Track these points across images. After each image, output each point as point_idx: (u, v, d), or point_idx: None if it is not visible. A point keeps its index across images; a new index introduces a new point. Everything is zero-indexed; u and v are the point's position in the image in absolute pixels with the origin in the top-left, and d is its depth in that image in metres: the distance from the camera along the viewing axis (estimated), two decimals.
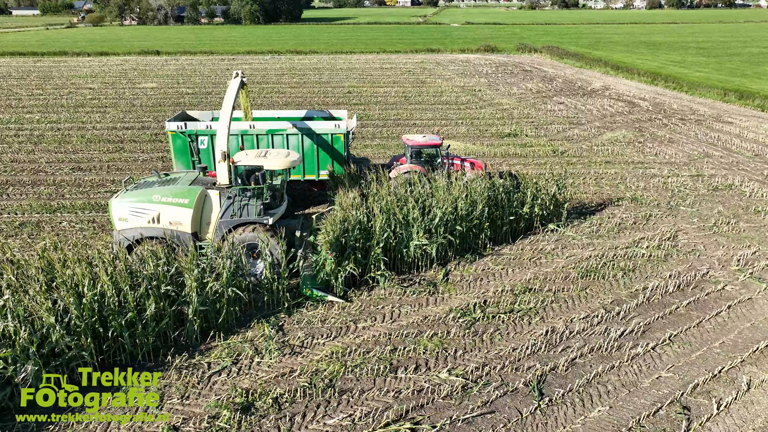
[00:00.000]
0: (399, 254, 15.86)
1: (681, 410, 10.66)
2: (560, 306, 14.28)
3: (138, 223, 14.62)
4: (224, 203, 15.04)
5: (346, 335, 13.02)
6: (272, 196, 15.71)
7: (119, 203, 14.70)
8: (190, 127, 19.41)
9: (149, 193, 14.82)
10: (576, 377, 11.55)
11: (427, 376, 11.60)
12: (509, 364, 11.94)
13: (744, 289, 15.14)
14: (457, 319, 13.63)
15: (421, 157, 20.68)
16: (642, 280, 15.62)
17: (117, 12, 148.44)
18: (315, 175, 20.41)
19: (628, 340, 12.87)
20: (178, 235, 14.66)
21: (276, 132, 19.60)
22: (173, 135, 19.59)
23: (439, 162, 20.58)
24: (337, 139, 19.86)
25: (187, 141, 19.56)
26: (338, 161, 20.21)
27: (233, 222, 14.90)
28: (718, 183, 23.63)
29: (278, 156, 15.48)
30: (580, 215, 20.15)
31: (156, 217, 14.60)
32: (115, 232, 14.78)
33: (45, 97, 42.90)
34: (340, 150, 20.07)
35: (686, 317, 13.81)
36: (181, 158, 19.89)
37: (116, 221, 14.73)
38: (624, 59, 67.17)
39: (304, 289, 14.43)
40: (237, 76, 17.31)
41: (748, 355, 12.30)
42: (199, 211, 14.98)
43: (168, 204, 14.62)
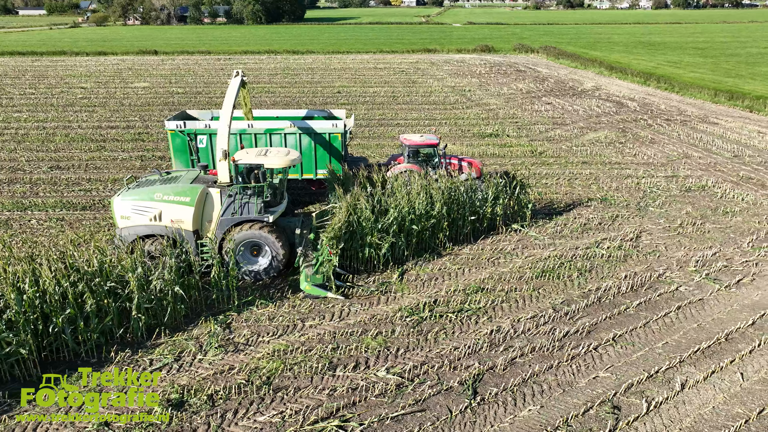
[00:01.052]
0: (356, 254, 15.97)
1: (611, 410, 10.68)
2: (510, 306, 14.32)
3: (140, 221, 14.77)
4: (225, 201, 15.19)
5: (291, 333, 13.12)
6: (272, 194, 15.86)
7: (121, 201, 14.87)
8: (189, 126, 19.57)
9: (151, 191, 14.98)
10: (513, 376, 11.60)
11: (365, 374, 11.68)
12: (448, 363, 12.00)
13: (698, 290, 15.13)
14: (404, 318, 13.70)
15: (419, 156, 20.76)
16: (597, 280, 15.63)
17: (120, 12, 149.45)
18: (313, 174, 20.50)
19: (572, 340, 12.90)
20: (181, 233, 14.83)
21: (274, 131, 19.70)
22: (172, 134, 19.74)
23: (436, 161, 20.64)
24: (335, 139, 19.91)
25: (186, 140, 19.72)
26: (336, 160, 20.27)
27: (234, 220, 15.07)
28: (692, 184, 23.56)
29: (278, 154, 15.60)
30: (547, 215, 20.17)
31: (158, 215, 14.76)
32: (118, 230, 14.97)
33: (36, 96, 43.32)
34: (338, 149, 20.14)
35: (634, 318, 13.82)
36: (180, 157, 20.05)
37: (118, 219, 14.90)
38: (620, 59, 66.93)
39: (304, 286, 14.59)
40: (237, 75, 17.42)
41: (689, 355, 12.30)
42: (201, 209, 15.14)
43: (170, 202, 14.78)
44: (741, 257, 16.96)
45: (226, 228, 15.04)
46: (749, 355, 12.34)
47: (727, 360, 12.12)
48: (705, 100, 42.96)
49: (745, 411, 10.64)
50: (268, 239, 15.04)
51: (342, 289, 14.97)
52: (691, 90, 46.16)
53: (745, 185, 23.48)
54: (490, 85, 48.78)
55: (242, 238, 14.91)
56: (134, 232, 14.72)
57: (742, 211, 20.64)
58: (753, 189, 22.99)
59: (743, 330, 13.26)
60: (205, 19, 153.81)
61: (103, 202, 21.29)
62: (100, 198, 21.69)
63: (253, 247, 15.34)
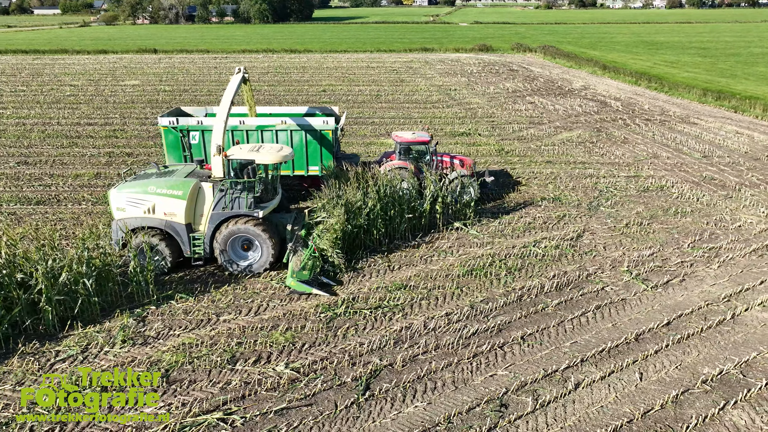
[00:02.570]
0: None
1: (497, 408, 10.65)
2: (429, 303, 14.31)
3: (135, 213, 15.16)
4: (216, 196, 15.38)
5: (203, 327, 13.25)
6: (264, 189, 15.97)
7: (117, 194, 15.24)
8: (182, 123, 19.85)
9: (146, 184, 15.29)
10: (409, 373, 11.60)
11: (264, 368, 11.76)
12: (348, 359, 12.05)
13: (624, 290, 14.99)
14: (318, 314, 13.77)
15: (410, 153, 20.77)
16: (524, 279, 15.55)
17: (130, 11, 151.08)
18: (304, 170, 20.66)
19: (480, 338, 12.86)
20: (173, 226, 15.13)
21: (265, 128, 19.91)
22: (165, 130, 20.05)
23: (428, 159, 20.66)
24: (326, 136, 20.04)
25: (179, 136, 19.99)
26: (327, 157, 20.37)
27: (224, 214, 15.28)
28: (651, 184, 23.30)
29: (271, 150, 15.78)
30: (495, 214, 20.09)
31: (151, 207, 15.11)
32: (114, 222, 15.31)
33: (26, 93, 44.01)
34: (329, 147, 20.22)
35: (551, 317, 13.74)
36: (173, 152, 20.37)
37: (115, 211, 15.30)
38: (617, 59, 66.27)
39: (289, 282, 14.68)
40: (239, 72, 17.60)
41: (593, 354, 12.20)
42: (193, 202, 15.35)
43: (163, 195, 15.08)
44: (678, 258, 16.76)
45: (217, 222, 15.24)
46: (654, 355, 12.22)
47: (630, 360, 12.01)
48: (692, 100, 42.40)
49: (633, 410, 10.55)
50: (257, 234, 15.17)
51: (330, 285, 14.98)
52: (680, 90, 45.58)
53: (706, 186, 23.17)
54: (478, 85, 48.59)
55: (232, 232, 15.10)
56: (129, 224, 15.06)
57: (694, 211, 20.39)
58: (712, 190, 22.68)
59: (656, 330, 13.12)
60: (213, 18, 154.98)
61: (58, 197, 21.63)
62: (57, 193, 22.03)
63: (244, 242, 15.50)
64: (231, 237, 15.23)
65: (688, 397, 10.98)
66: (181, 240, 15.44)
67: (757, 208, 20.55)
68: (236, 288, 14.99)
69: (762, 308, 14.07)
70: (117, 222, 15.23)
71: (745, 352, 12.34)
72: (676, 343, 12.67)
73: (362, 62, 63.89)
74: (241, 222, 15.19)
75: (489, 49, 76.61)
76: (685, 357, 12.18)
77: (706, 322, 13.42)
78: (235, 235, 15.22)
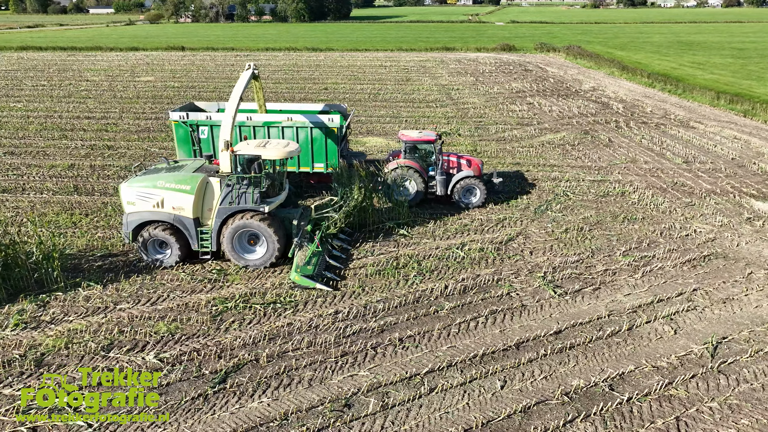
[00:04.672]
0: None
1: (340, 408, 10.58)
2: (324, 301, 14.28)
3: (144, 207, 15.56)
4: (223, 191, 15.66)
5: (97, 314, 13.67)
6: (271, 185, 16.18)
7: (128, 188, 15.68)
8: (191, 118, 20.40)
9: (155, 178, 15.67)
10: (271, 368, 11.65)
11: (133, 357, 12.05)
12: (218, 352, 12.20)
13: (529, 296, 14.55)
14: (212, 306, 13.97)
15: (416, 152, 20.78)
16: (434, 281, 15.31)
17: (173, 10, 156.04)
18: (309, 167, 20.84)
19: (360, 338, 12.77)
20: (182, 220, 15.58)
21: (272, 124, 20.26)
22: (176, 125, 20.63)
23: (434, 158, 20.68)
24: (331, 133, 20.20)
25: (189, 131, 20.54)
26: (332, 154, 20.48)
27: (231, 209, 15.54)
28: (613, 189, 22.45)
29: (277, 146, 15.98)
30: (434, 215, 19.82)
31: (160, 201, 15.47)
32: (124, 215, 15.89)
33: (45, 88, 46.17)
34: (334, 144, 20.36)
35: (441, 320, 13.49)
36: (183, 147, 20.95)
37: (125, 205, 15.80)
38: (642, 59, 63.95)
39: (293, 276, 14.89)
40: (249, 68, 17.98)
41: (462, 359, 11.93)
42: (201, 197, 15.65)
43: (171, 190, 15.43)
44: (603, 266, 16.14)
45: (224, 217, 15.55)
46: (527, 363, 11.85)
47: (498, 367, 11.68)
48: (702, 103, 40.50)
49: (478, 418, 10.28)
50: (263, 229, 15.37)
51: (333, 281, 15.10)
52: (693, 92, 43.57)
53: (672, 192, 22.14)
54: (484, 85, 47.86)
55: (238, 227, 15.39)
56: (139, 217, 15.57)
57: (645, 218, 19.54)
58: (677, 197, 21.66)
59: (542, 339, 12.71)
60: (252, 17, 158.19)
61: (25, 186, 22.68)
62: (25, 182, 23.09)
63: (250, 237, 15.79)
64: (237, 231, 15.45)
65: (542, 408, 10.61)
66: (189, 234, 15.68)
67: (714, 217, 19.52)
68: (146, 278, 15.37)
69: (666, 321, 13.40)
70: (127, 216, 15.68)
71: (625, 365, 11.80)
72: (557, 352, 12.23)
73: (377, 61, 63.96)
74: (247, 217, 15.35)
75: (512, 49, 75.27)
76: (559, 367, 11.76)
77: (598, 333, 12.90)
78: (241, 229, 15.43)
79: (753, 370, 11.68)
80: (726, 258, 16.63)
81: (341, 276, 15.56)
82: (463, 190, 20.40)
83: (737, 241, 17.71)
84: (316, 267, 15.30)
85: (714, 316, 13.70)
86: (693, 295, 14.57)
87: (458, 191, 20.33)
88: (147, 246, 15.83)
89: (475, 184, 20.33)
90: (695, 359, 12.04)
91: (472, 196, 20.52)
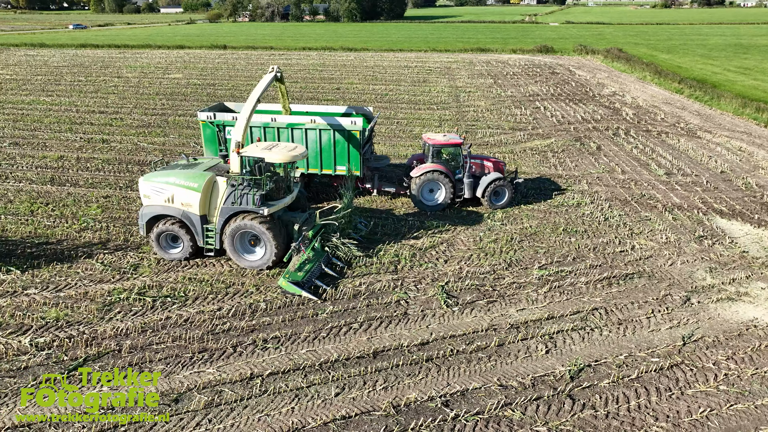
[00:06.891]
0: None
1: (169, 402, 10.86)
2: (215, 298, 14.60)
3: (157, 201, 16.27)
4: (227, 191, 15.99)
5: (2, 298, 14.58)
6: (275, 187, 16.31)
7: (145, 182, 16.39)
8: (218, 118, 20.90)
9: (168, 174, 16.23)
10: (125, 359, 12.09)
11: (11, 339, 12.81)
12: (86, 340, 12.76)
13: (418, 305, 14.31)
14: (105, 296, 14.59)
15: (441, 156, 20.90)
16: (331, 285, 15.30)
17: (231, 9, 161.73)
18: (332, 170, 20.69)
19: (227, 336, 13.00)
20: (189, 216, 16.15)
21: (296, 126, 20.18)
22: (204, 124, 21.22)
23: (460, 162, 20.84)
24: (354, 136, 20.09)
25: (215, 131, 21.09)
26: (354, 158, 20.35)
27: (233, 209, 15.85)
28: (571, 200, 21.54)
29: (283, 150, 16.03)
30: (375, 219, 19.72)
31: (171, 197, 16.10)
32: (141, 209, 16.69)
33: (81, 83, 49.12)
34: (356, 147, 20.24)
35: (316, 323, 13.52)
36: (210, 146, 21.52)
37: (142, 198, 16.59)
38: (684, 63, 60.60)
39: (281, 281, 14.97)
40: (272, 70, 18.35)
41: (312, 364, 11.92)
42: (208, 195, 16.08)
43: (181, 186, 15.98)
44: (513, 279, 15.60)
45: (226, 216, 15.91)
46: (373, 373, 11.71)
47: (339, 374, 11.61)
48: (725, 111, 37.98)
49: (297, 424, 10.28)
50: (261, 231, 15.51)
51: (321, 289, 15.00)
52: (722, 99, 40.89)
53: (633, 205, 21.01)
54: (500, 87, 46.85)
55: (238, 227, 15.69)
56: (152, 211, 16.39)
57: (586, 231, 18.68)
58: (636, 210, 20.55)
59: (403, 349, 12.51)
60: (306, 16, 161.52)
61: (7, 175, 24.34)
62: (10, 171, 24.79)
63: (251, 238, 16.04)
64: (237, 232, 15.74)
65: (363, 418, 10.50)
66: (195, 230, 16.13)
67: (663, 234, 18.40)
68: (65, 266, 16.22)
69: (544, 339, 12.85)
70: (142, 209, 16.56)
71: (474, 381, 11.44)
72: (411, 364, 12.02)
73: (405, 62, 63.86)
74: (248, 218, 15.56)
75: (549, 51, 73.15)
76: (405, 379, 11.55)
77: (465, 347, 12.54)
78: (241, 230, 15.67)
79: (605, 396, 11.05)
80: (650, 278, 15.68)
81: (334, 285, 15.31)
82: (492, 192, 20.40)
83: (673, 261, 16.64)
84: (308, 274, 15.17)
85: (600, 338, 13.00)
86: (590, 315, 13.87)
87: (489, 194, 20.36)
88: (160, 239, 16.37)
89: (505, 185, 20.39)
90: (551, 381, 11.51)
91: (501, 198, 20.64)
